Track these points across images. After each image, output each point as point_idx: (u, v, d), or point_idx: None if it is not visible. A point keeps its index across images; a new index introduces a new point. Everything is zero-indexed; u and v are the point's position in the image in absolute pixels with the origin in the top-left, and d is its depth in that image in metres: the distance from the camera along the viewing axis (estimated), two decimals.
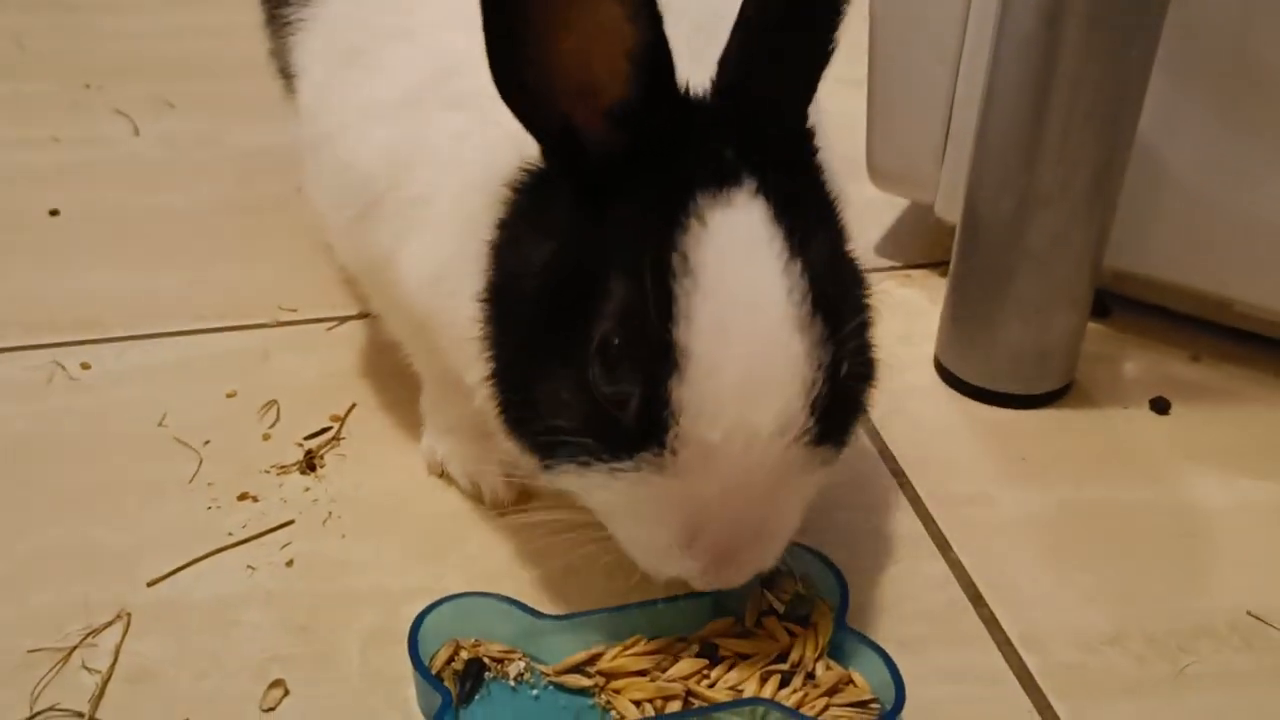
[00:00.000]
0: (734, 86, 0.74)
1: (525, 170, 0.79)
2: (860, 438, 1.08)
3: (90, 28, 1.93)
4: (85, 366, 1.15)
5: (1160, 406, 1.14)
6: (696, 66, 0.74)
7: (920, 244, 1.36)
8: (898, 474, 1.06)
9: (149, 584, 0.92)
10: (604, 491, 0.76)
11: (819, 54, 0.76)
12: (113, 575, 0.92)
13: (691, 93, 0.74)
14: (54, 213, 1.40)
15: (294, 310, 1.23)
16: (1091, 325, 1.21)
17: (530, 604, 0.86)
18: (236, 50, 1.78)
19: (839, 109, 0.91)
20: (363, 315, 1.21)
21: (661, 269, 0.70)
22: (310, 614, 0.90)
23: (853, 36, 0.80)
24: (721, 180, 0.72)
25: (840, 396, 0.74)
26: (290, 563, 0.94)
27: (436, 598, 0.85)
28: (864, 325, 0.78)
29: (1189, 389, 1.17)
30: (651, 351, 0.70)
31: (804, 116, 0.78)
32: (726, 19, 0.74)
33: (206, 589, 0.92)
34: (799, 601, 0.86)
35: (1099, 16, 0.94)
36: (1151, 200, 1.13)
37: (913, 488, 1.04)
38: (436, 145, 0.85)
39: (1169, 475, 1.06)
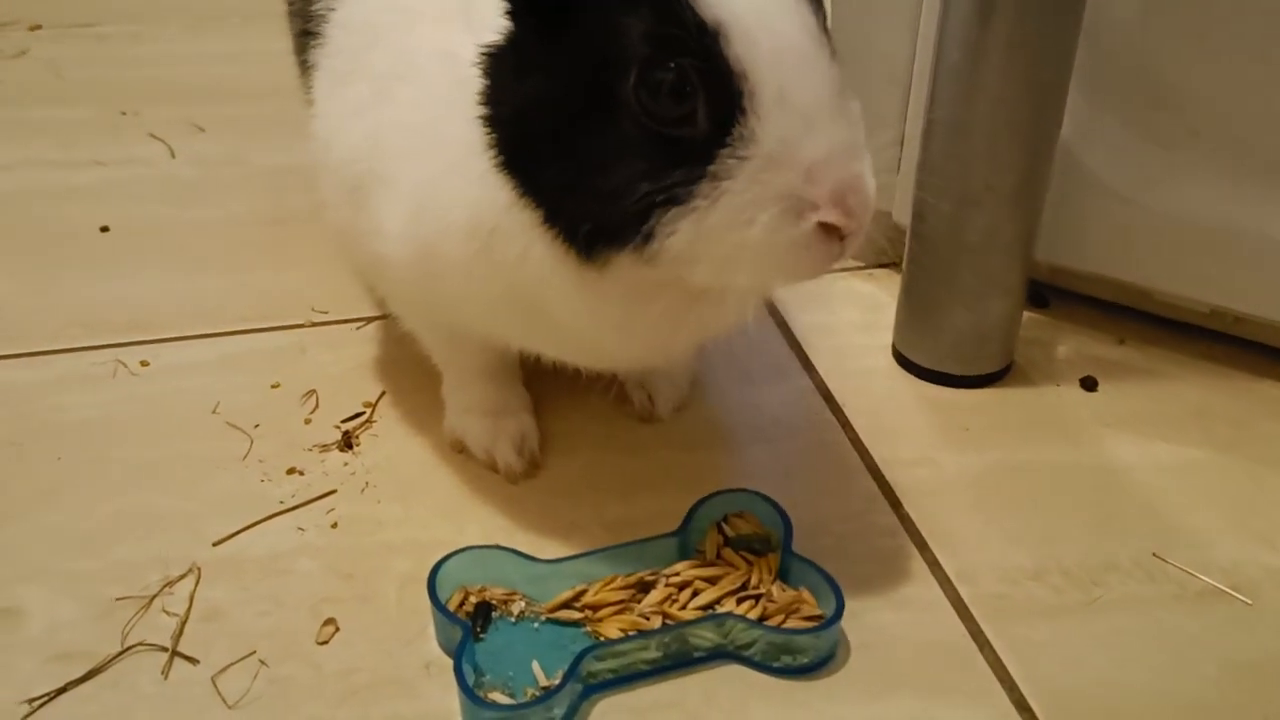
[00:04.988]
0: None
1: (484, 49, 0.86)
2: (825, 412, 1.24)
3: (121, 56, 2.08)
4: (144, 363, 1.29)
5: (1089, 384, 1.28)
6: None
7: (879, 245, 1.51)
8: (856, 442, 1.19)
9: (214, 544, 1.06)
10: (712, 216, 0.79)
11: None
12: (182, 536, 1.06)
13: None
14: (104, 229, 1.54)
15: (325, 312, 1.38)
16: (1031, 315, 1.36)
17: (529, 553, 1.00)
18: (258, 75, 1.96)
19: None
20: (384, 316, 1.34)
21: None
22: (353, 563, 1.04)
23: None
24: None
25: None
26: (334, 524, 1.08)
27: (458, 548, 0.99)
28: None
29: (1115, 369, 1.31)
30: (694, 39, 0.75)
31: None
32: None
33: (264, 546, 1.06)
34: (751, 537, 1.01)
35: (1017, 44, 1.09)
36: (1080, 203, 1.28)
37: (870, 454, 1.18)
38: (399, 116, 0.94)
39: (1090, 441, 1.20)
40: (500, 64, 0.86)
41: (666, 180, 0.79)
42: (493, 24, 0.86)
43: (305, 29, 1.15)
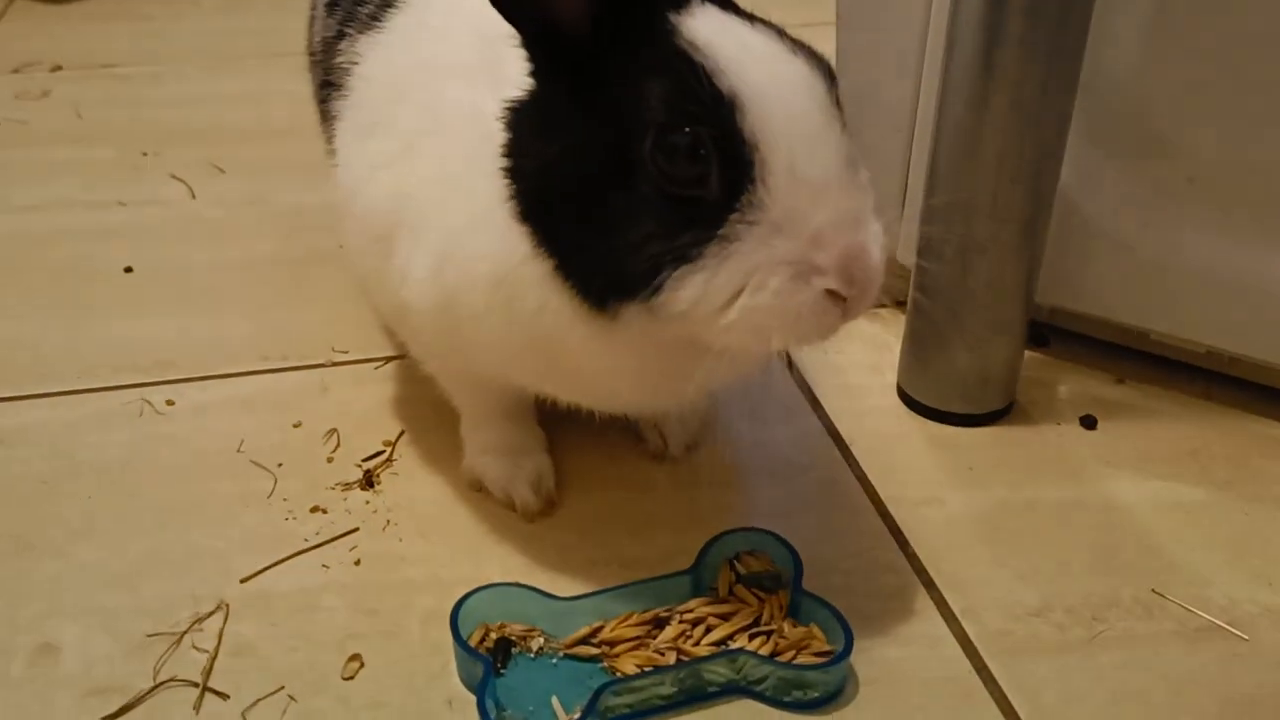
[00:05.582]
0: None
1: (508, 105, 0.90)
2: (833, 452, 1.28)
3: (141, 98, 2.12)
4: (170, 403, 1.32)
5: (1089, 423, 1.31)
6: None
7: (885, 286, 1.54)
8: (863, 481, 1.23)
9: (242, 580, 1.09)
10: (720, 276, 0.82)
11: None
12: (211, 573, 1.10)
13: None
14: (128, 269, 1.58)
15: (345, 351, 1.41)
16: (1032, 354, 1.39)
17: (548, 590, 1.03)
18: (276, 117, 2.01)
19: None
20: (403, 356, 1.37)
21: (676, 54, 0.82)
22: (377, 600, 1.07)
23: None
24: (677, 2, 0.86)
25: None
26: (358, 561, 1.11)
27: (479, 585, 1.02)
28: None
29: (1114, 408, 1.34)
30: (710, 109, 0.80)
31: None
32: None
33: (290, 583, 1.09)
34: (762, 575, 1.05)
35: (1018, 95, 1.13)
36: (1080, 247, 1.31)
37: (877, 493, 1.21)
38: (426, 170, 0.98)
39: (1091, 479, 1.23)
40: (523, 120, 0.90)
41: (678, 240, 0.82)
42: (517, 82, 0.91)
43: (327, 79, 1.19)
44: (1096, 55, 1.18)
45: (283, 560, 1.12)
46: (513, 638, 1.01)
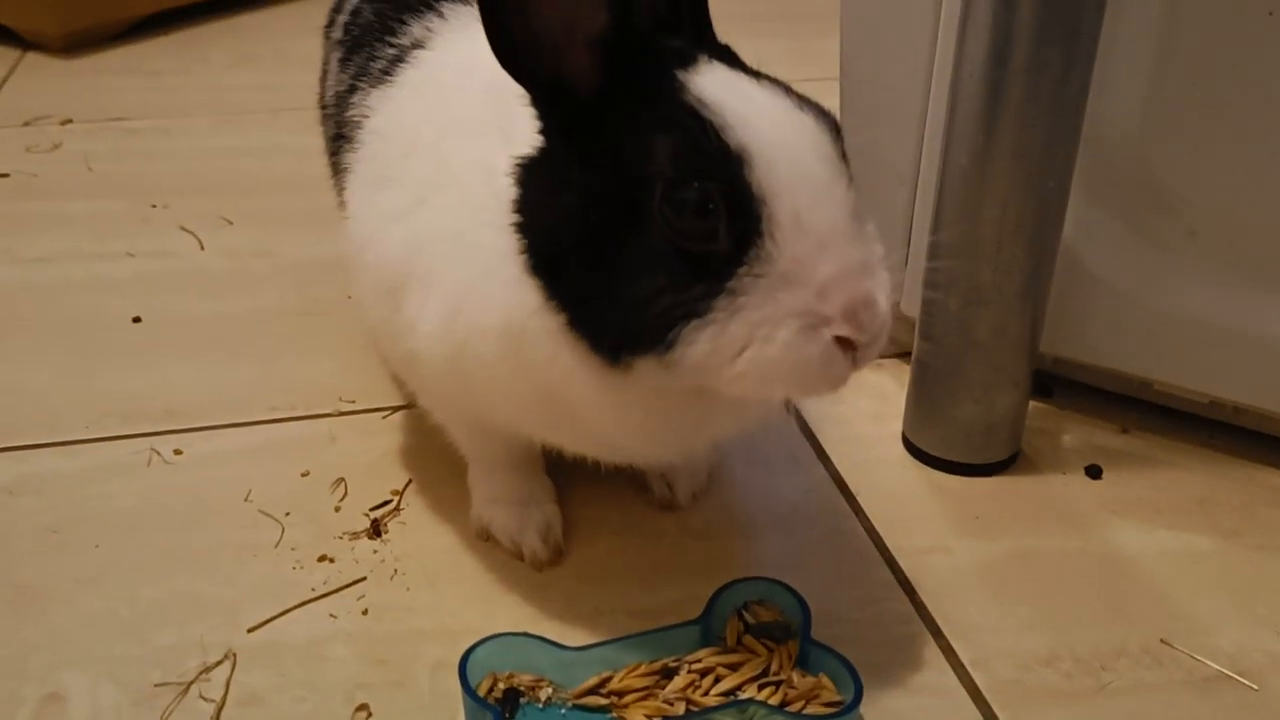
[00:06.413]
0: (656, 8, 0.90)
1: (518, 160, 0.91)
2: (839, 501, 1.28)
3: (151, 150, 2.14)
4: (178, 452, 1.33)
5: (1094, 472, 1.32)
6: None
7: (890, 336, 1.55)
8: (870, 531, 1.23)
9: (249, 630, 1.09)
10: (730, 329, 0.83)
11: None
12: (219, 623, 1.10)
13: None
14: (137, 319, 1.59)
15: (353, 401, 1.42)
16: (1036, 404, 1.40)
17: (556, 639, 1.03)
18: (283, 169, 2.04)
19: None
20: (410, 406, 1.38)
21: (685, 110, 0.83)
22: (385, 650, 1.07)
23: None
24: (684, 61, 0.88)
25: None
26: (365, 611, 1.11)
27: (486, 635, 1.02)
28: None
29: (1119, 457, 1.34)
30: (718, 164, 0.81)
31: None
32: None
33: (298, 633, 1.09)
34: (771, 625, 1.05)
35: (1021, 150, 1.14)
36: (1083, 298, 1.32)
37: (884, 542, 1.21)
38: (437, 223, 0.98)
39: (1098, 529, 1.24)
40: (533, 175, 0.91)
41: (687, 294, 0.83)
42: (527, 137, 0.92)
43: (339, 133, 1.21)
44: (1098, 109, 1.20)
45: (290, 610, 1.12)
46: (521, 688, 1.01)
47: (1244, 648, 1.09)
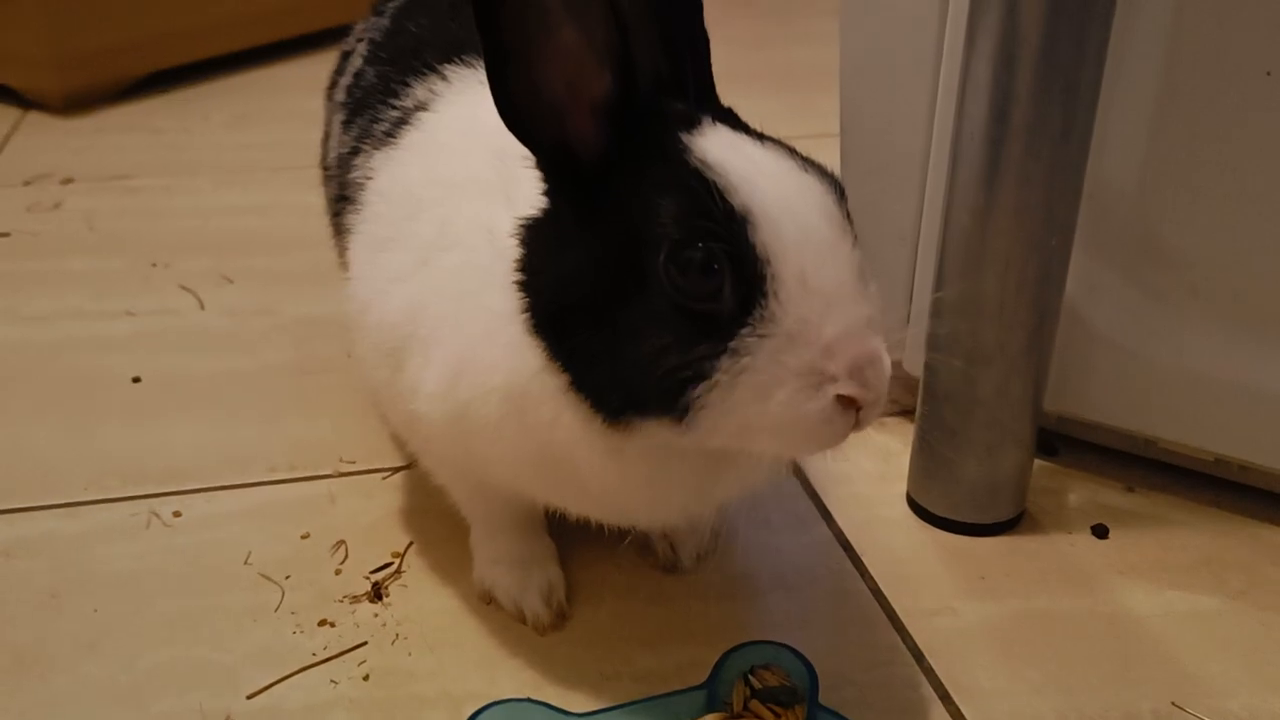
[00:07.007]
0: (658, 70, 0.90)
1: (522, 221, 0.92)
2: (844, 561, 1.27)
3: (151, 209, 2.14)
4: (177, 514, 1.32)
5: (1100, 532, 1.31)
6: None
7: (893, 395, 1.55)
8: (876, 592, 1.22)
9: (249, 696, 1.07)
10: (736, 390, 0.83)
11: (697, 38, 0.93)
12: (219, 688, 1.08)
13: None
14: (136, 379, 1.58)
15: (353, 462, 1.41)
16: (1040, 462, 1.40)
17: (560, 705, 1.02)
18: (283, 228, 2.04)
19: None
20: (412, 466, 1.37)
21: (689, 172, 0.84)
22: (387, 716, 1.05)
23: None
24: (688, 123, 0.89)
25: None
26: (366, 676, 1.10)
27: (490, 700, 1.01)
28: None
29: (1125, 516, 1.34)
30: (722, 225, 0.81)
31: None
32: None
33: (298, 699, 1.07)
34: (778, 689, 1.03)
35: (1022, 208, 1.15)
36: (1086, 356, 1.32)
37: (889, 603, 1.20)
38: (440, 284, 0.99)
39: (1105, 589, 1.22)
40: (537, 236, 0.92)
41: (691, 354, 0.83)
42: (530, 199, 0.92)
43: (342, 194, 1.21)
44: (1099, 167, 1.20)
45: (291, 675, 1.10)
46: None
47: (1256, 711, 1.08)
